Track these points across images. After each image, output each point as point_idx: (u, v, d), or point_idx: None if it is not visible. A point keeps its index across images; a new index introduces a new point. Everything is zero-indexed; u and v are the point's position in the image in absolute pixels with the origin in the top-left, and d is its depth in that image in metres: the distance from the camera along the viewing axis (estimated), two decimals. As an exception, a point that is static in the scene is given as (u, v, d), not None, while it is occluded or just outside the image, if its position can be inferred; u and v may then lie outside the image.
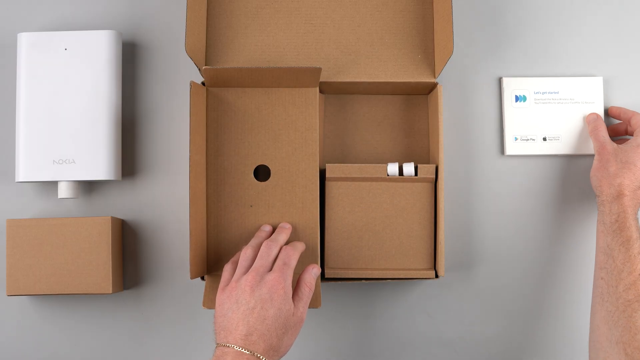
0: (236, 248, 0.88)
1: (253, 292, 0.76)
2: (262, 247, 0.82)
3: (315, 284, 0.83)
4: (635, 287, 0.81)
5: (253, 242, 0.84)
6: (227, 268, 0.83)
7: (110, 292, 0.87)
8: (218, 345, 0.75)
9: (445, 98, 0.94)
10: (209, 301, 0.84)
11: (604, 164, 0.88)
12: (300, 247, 0.85)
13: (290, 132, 0.89)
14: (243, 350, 0.73)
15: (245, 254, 0.82)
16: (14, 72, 0.92)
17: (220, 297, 0.79)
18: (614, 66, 0.96)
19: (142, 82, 0.95)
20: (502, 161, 0.95)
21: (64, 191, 0.89)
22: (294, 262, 0.81)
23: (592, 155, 0.96)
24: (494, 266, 0.94)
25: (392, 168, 0.88)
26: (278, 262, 0.80)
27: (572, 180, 0.95)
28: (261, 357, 0.73)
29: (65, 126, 0.89)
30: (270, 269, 0.79)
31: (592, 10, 0.97)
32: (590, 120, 0.94)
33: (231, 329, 0.75)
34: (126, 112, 0.94)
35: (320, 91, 0.91)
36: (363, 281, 0.90)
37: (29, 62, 0.90)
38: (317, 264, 0.88)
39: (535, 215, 0.95)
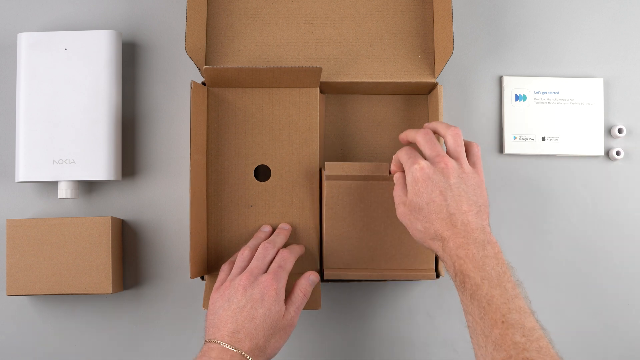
0: (236, 248, 0.88)
1: (245, 291, 0.77)
2: (259, 249, 0.82)
3: (316, 286, 0.84)
4: (503, 341, 0.68)
5: (251, 243, 0.84)
6: (224, 268, 0.83)
7: (110, 292, 0.87)
8: (206, 341, 0.76)
9: (445, 98, 0.94)
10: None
11: (406, 225, 0.79)
12: (298, 250, 0.85)
13: (291, 132, 0.89)
14: (229, 347, 0.74)
15: (243, 254, 0.82)
16: (14, 72, 0.92)
17: (213, 295, 0.80)
18: (615, 67, 0.97)
19: (142, 82, 0.95)
20: (501, 160, 0.96)
21: (64, 191, 0.89)
22: (289, 266, 0.81)
23: (590, 157, 0.96)
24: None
25: None
26: (273, 264, 0.80)
27: (569, 181, 0.96)
28: (246, 355, 0.74)
29: (65, 126, 0.89)
30: (266, 271, 0.80)
31: (592, 10, 0.97)
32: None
33: (220, 325, 0.76)
34: (126, 112, 0.94)
35: (321, 91, 0.91)
36: (363, 282, 0.90)
37: (29, 62, 0.90)
38: (317, 264, 0.88)
39: (533, 214, 0.95)
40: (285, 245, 0.85)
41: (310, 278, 0.82)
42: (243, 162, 0.89)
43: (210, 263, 0.88)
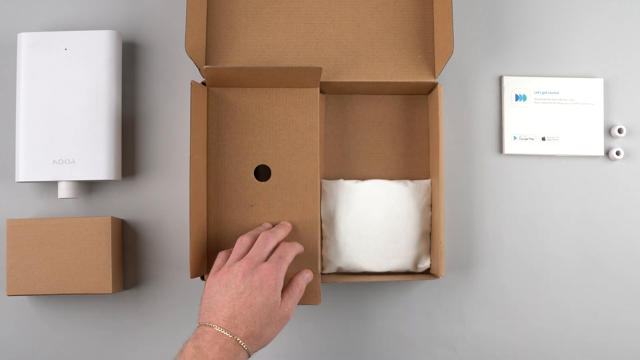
0: (236, 248, 0.88)
1: (244, 278, 0.76)
2: (259, 237, 0.81)
3: (315, 281, 0.84)
4: None
5: (251, 232, 0.84)
6: (220, 255, 0.82)
7: (110, 292, 0.87)
8: (200, 324, 0.75)
9: (445, 98, 0.94)
10: None
11: None
12: (298, 247, 0.84)
13: (291, 132, 0.89)
14: (224, 331, 0.73)
15: (242, 241, 0.81)
16: (14, 72, 0.92)
17: (210, 280, 0.78)
18: (615, 67, 0.97)
19: (142, 82, 0.95)
20: (501, 160, 0.96)
21: (64, 191, 0.89)
22: (290, 258, 0.80)
23: (590, 157, 0.96)
24: (494, 266, 0.95)
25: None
26: (274, 254, 0.80)
27: (569, 181, 0.96)
28: (241, 342, 0.73)
29: (65, 126, 0.89)
30: (265, 260, 0.79)
31: (592, 10, 0.97)
32: None
33: (216, 310, 0.75)
34: (126, 112, 0.94)
35: (321, 91, 0.91)
36: (365, 281, 0.90)
37: (29, 62, 0.90)
38: (316, 263, 0.88)
39: (534, 214, 0.95)
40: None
41: (305, 276, 0.82)
42: (243, 162, 0.89)
43: (210, 263, 0.88)
